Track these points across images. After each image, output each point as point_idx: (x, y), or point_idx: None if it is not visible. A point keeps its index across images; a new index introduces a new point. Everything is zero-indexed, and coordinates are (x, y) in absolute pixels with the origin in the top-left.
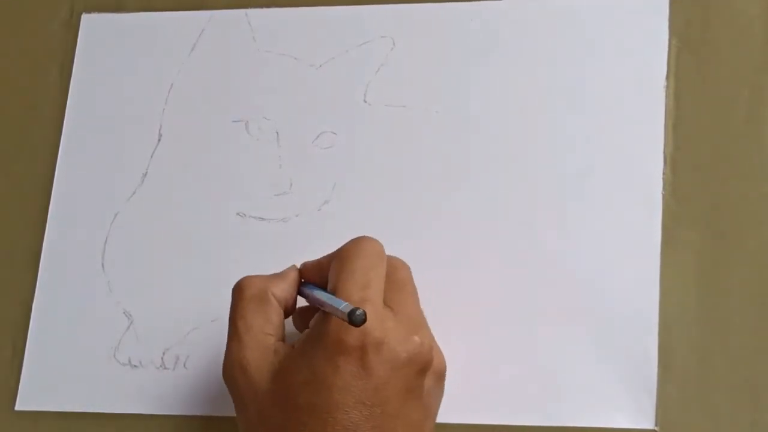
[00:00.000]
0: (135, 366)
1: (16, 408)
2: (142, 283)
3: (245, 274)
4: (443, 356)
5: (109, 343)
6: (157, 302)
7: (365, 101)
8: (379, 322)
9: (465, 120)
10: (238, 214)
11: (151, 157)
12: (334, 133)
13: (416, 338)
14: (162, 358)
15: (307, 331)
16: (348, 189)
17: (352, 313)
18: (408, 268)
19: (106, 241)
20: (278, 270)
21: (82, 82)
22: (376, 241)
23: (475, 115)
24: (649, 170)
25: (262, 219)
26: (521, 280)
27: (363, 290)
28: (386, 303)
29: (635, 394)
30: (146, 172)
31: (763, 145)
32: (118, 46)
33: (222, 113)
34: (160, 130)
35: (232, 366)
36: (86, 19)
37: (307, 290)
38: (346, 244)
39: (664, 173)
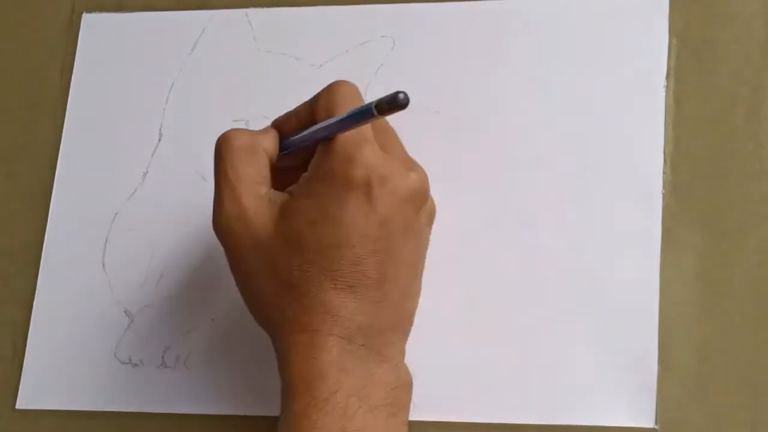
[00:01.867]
0: (135, 365)
1: (17, 406)
2: (142, 281)
3: None
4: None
5: (110, 342)
6: (158, 301)
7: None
8: (381, 159)
9: (465, 120)
10: None
11: (152, 156)
12: None
13: (413, 174)
14: (162, 357)
15: (305, 174)
16: None
17: (394, 97)
18: None
19: (106, 240)
20: None
21: (83, 81)
22: (350, 83)
23: (475, 115)
24: (649, 170)
25: None
26: (521, 278)
27: (357, 130)
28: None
29: (635, 393)
30: (147, 172)
31: (763, 144)
32: (118, 45)
33: (222, 113)
34: (160, 129)
35: (228, 217)
36: (87, 18)
37: (299, 135)
38: (322, 91)
39: (664, 173)
